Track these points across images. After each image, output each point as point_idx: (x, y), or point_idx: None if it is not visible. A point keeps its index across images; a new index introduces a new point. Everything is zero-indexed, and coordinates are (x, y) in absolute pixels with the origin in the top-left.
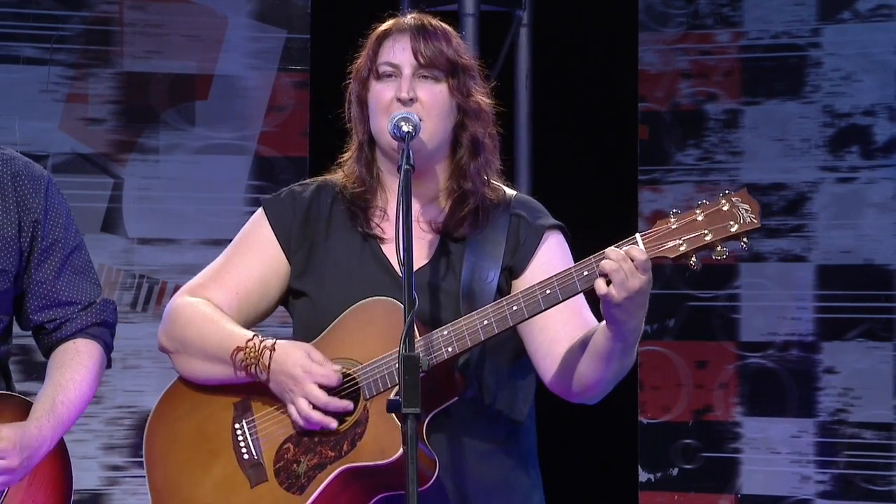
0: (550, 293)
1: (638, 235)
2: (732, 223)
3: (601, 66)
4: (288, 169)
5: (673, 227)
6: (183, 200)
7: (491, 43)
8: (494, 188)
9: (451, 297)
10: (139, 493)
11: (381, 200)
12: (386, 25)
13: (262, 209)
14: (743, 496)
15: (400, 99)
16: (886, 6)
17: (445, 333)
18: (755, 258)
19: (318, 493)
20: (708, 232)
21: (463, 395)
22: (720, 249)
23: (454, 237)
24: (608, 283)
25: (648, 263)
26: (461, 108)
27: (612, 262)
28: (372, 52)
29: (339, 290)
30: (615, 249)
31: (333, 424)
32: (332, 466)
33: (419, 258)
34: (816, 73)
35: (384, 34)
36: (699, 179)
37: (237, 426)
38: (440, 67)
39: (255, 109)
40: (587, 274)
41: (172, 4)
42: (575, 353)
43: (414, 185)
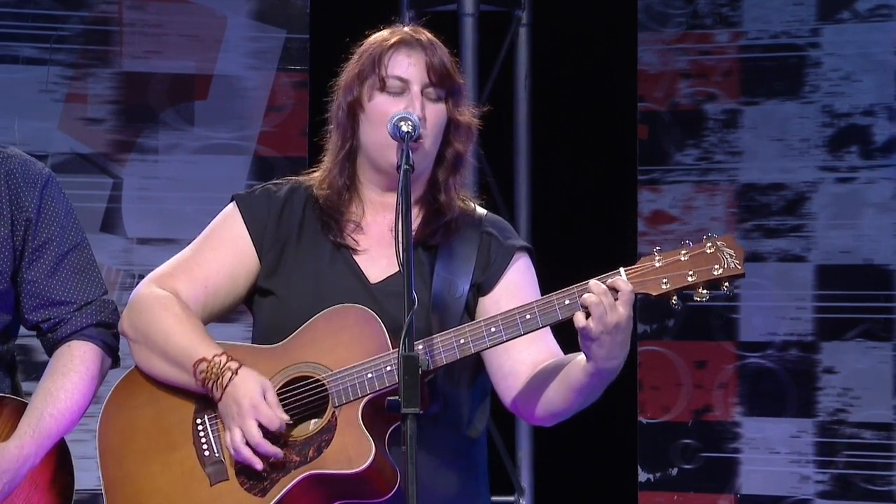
0: (531, 318)
1: (622, 269)
2: (717, 267)
3: (600, 66)
4: (287, 169)
5: (657, 264)
6: (182, 200)
7: (490, 43)
8: (465, 203)
9: (421, 306)
10: None
11: (355, 213)
12: (394, 38)
13: (234, 204)
14: (742, 496)
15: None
16: (886, 6)
17: (420, 348)
18: (754, 258)
19: (279, 496)
20: (692, 273)
21: (427, 409)
22: (702, 292)
23: (426, 245)
24: (587, 315)
25: (632, 297)
26: (451, 124)
27: (593, 294)
28: (376, 61)
29: (308, 293)
30: (597, 283)
31: (259, 466)
32: (296, 471)
33: (391, 265)
34: (816, 73)
35: (391, 45)
36: (698, 179)
37: (199, 421)
38: (445, 87)
39: (254, 109)
40: (568, 303)
41: (171, 4)
42: (544, 378)
43: (391, 194)
